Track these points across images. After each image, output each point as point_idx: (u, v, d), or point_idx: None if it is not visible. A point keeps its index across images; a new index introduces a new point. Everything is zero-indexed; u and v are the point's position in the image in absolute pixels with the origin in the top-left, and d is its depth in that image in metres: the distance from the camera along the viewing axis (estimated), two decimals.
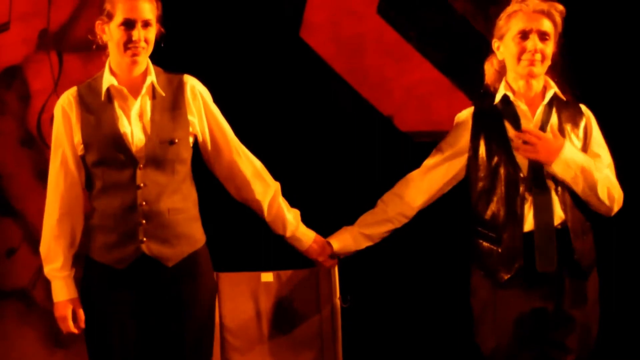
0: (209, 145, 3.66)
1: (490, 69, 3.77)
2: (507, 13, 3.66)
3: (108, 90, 3.52)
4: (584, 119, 3.69)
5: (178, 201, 3.54)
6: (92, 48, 3.58)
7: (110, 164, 3.49)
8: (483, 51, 3.85)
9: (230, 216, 4.19)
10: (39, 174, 4.60)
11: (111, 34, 3.49)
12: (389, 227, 3.83)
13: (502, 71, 3.72)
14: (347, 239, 3.83)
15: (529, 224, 3.57)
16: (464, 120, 3.75)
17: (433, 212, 3.88)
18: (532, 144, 3.55)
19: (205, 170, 3.71)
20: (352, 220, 3.89)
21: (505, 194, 3.60)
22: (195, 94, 3.60)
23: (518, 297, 3.57)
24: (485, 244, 3.65)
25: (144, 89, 3.52)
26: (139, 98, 3.52)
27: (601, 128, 3.74)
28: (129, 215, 3.49)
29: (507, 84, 3.68)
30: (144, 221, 3.49)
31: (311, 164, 4.60)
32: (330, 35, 4.70)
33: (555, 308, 3.57)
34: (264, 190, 3.72)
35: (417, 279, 4.64)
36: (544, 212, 3.56)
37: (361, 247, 3.85)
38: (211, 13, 4.62)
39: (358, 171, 4.66)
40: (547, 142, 3.55)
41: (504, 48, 3.66)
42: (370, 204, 3.90)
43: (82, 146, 3.52)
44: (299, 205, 3.80)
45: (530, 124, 3.62)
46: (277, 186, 3.75)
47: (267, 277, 4.05)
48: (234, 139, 3.70)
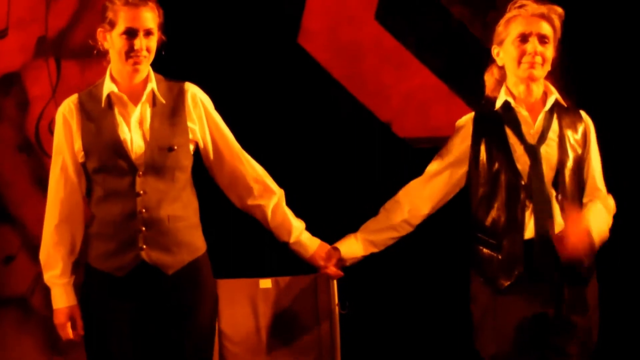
0: (210, 153, 3.66)
1: (490, 79, 3.76)
2: (506, 19, 3.65)
3: (108, 97, 3.52)
4: (583, 125, 3.69)
5: (178, 209, 3.54)
6: (93, 54, 3.58)
7: (110, 171, 3.48)
8: (481, 57, 3.85)
9: (228, 223, 4.19)
10: (37, 180, 4.60)
11: (113, 42, 3.49)
12: (393, 234, 3.80)
13: (503, 80, 3.70)
14: (353, 244, 3.81)
15: (529, 231, 3.57)
16: (464, 126, 3.73)
17: (432, 217, 3.86)
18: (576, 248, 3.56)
19: (203, 178, 3.70)
20: (351, 227, 3.87)
21: (505, 200, 3.59)
22: (196, 101, 3.60)
23: (518, 303, 3.56)
24: (485, 250, 3.64)
25: (144, 96, 3.52)
26: (139, 105, 3.52)
27: (598, 131, 3.74)
28: (128, 222, 3.48)
29: (508, 89, 3.67)
30: (143, 228, 3.48)
31: (310, 171, 4.60)
32: (328, 42, 4.71)
33: (556, 314, 3.56)
34: (268, 195, 3.72)
35: (416, 285, 4.64)
36: (544, 219, 3.55)
37: (367, 253, 3.81)
38: (209, 20, 4.63)
39: (357, 177, 4.67)
40: (585, 242, 3.56)
41: (504, 53, 3.66)
42: (369, 210, 3.89)
43: (83, 153, 3.51)
44: (297, 211, 3.80)
45: (531, 130, 3.62)
46: (281, 192, 3.75)
47: (265, 283, 4.04)
48: (236, 146, 3.70)
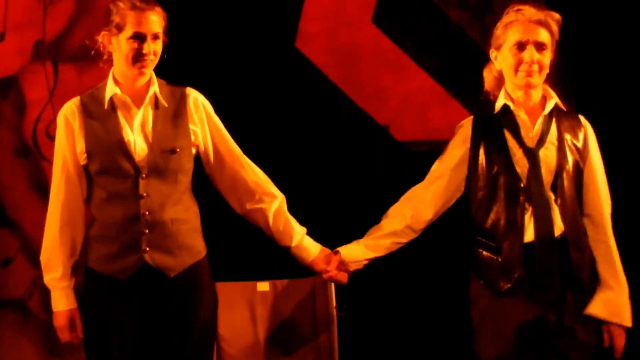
0: (211, 156, 3.67)
1: (489, 75, 3.75)
2: (504, 23, 3.64)
3: (111, 100, 3.53)
4: (582, 129, 3.68)
5: (180, 212, 3.55)
6: (90, 57, 3.59)
7: (113, 173, 3.49)
8: (479, 60, 3.85)
9: (226, 227, 4.18)
10: (35, 184, 4.60)
11: (120, 45, 3.49)
12: (395, 240, 3.78)
13: (501, 78, 3.70)
14: (354, 248, 3.80)
15: (529, 234, 3.56)
16: (464, 129, 3.72)
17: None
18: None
19: (202, 183, 3.70)
20: (349, 229, 3.87)
21: (505, 203, 3.58)
22: (197, 105, 3.62)
23: (518, 306, 3.55)
24: (485, 253, 3.63)
25: (147, 99, 3.54)
26: (141, 108, 3.53)
27: (596, 133, 3.74)
28: (132, 225, 3.49)
29: (507, 93, 3.66)
30: (147, 231, 3.49)
31: (308, 174, 4.60)
32: (325, 45, 4.70)
33: (557, 320, 3.55)
34: (270, 199, 3.72)
35: (415, 287, 4.64)
36: (544, 223, 3.54)
37: (369, 256, 3.79)
38: (207, 23, 4.63)
39: (355, 181, 4.66)
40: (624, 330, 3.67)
41: (502, 58, 3.65)
42: (367, 213, 3.89)
43: (85, 155, 3.52)
44: (295, 214, 3.79)
45: (530, 134, 3.61)
46: (282, 197, 3.75)
47: (263, 286, 4.05)
48: (236, 150, 3.71)
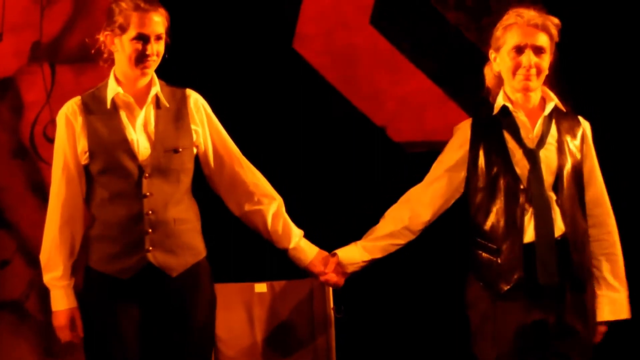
0: (211, 157, 3.67)
1: (489, 73, 3.74)
2: (503, 25, 3.63)
3: (113, 99, 3.53)
4: (581, 130, 3.69)
5: (182, 211, 3.56)
6: (88, 59, 3.59)
7: (116, 172, 3.49)
8: (476, 61, 3.85)
9: (224, 229, 4.18)
10: (32, 185, 4.60)
11: (123, 46, 3.50)
12: (393, 241, 3.78)
13: (501, 76, 3.69)
14: (352, 249, 3.79)
15: (529, 235, 3.56)
16: (463, 130, 3.72)
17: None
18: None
19: (198, 185, 3.70)
20: (346, 230, 3.87)
21: (505, 205, 3.58)
22: (198, 106, 3.63)
23: (518, 308, 3.55)
24: (484, 254, 3.63)
25: (149, 99, 3.54)
26: (144, 108, 3.54)
27: (595, 133, 3.74)
28: (135, 224, 3.49)
29: (506, 94, 3.66)
30: (150, 230, 3.49)
31: (304, 175, 4.60)
32: (323, 47, 4.70)
33: (557, 320, 3.56)
34: (268, 201, 3.73)
35: (412, 289, 4.63)
36: (545, 224, 3.55)
37: (367, 258, 3.79)
38: (204, 25, 4.63)
39: (352, 182, 4.66)
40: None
41: (500, 60, 3.64)
42: (364, 214, 3.89)
43: (87, 154, 3.52)
44: (292, 214, 3.79)
45: (530, 135, 3.61)
46: (280, 199, 3.75)
47: (260, 287, 4.05)
48: (236, 151, 3.72)
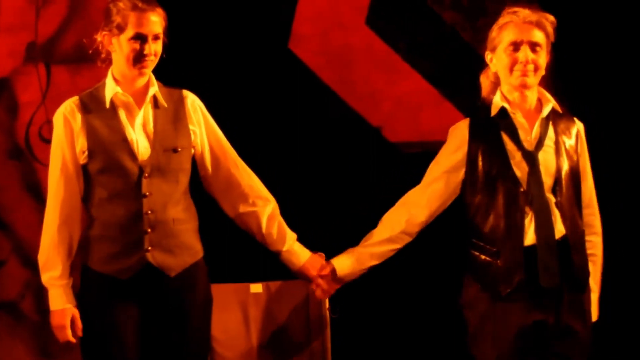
0: (207, 158, 3.67)
1: (486, 81, 3.73)
2: (499, 25, 3.63)
3: (112, 99, 3.53)
4: (576, 130, 3.68)
5: (181, 211, 3.56)
6: (83, 56, 3.59)
7: (115, 172, 3.48)
8: (472, 62, 3.85)
9: (220, 230, 4.18)
10: (28, 186, 4.59)
11: (120, 46, 3.49)
12: (391, 246, 3.74)
13: (498, 82, 3.68)
14: (347, 261, 3.74)
15: (529, 238, 3.55)
16: (460, 131, 3.69)
17: None
18: None
19: (194, 187, 3.70)
20: (341, 231, 3.88)
21: (504, 207, 3.57)
22: (195, 107, 3.63)
23: (518, 310, 3.54)
24: (482, 257, 3.61)
25: (147, 98, 3.54)
26: (142, 107, 3.54)
27: (589, 134, 3.74)
28: (134, 224, 3.49)
29: (503, 95, 3.65)
30: (149, 230, 3.49)
31: (300, 175, 4.60)
32: (319, 47, 4.70)
33: (556, 320, 3.55)
34: (263, 203, 3.72)
35: (408, 289, 4.64)
36: (545, 226, 3.53)
37: (364, 265, 3.75)
38: (199, 25, 4.62)
39: (348, 182, 4.66)
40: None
41: (497, 60, 3.64)
42: (359, 215, 3.89)
43: (86, 154, 3.50)
44: (286, 216, 3.79)
45: (529, 137, 3.60)
46: (275, 202, 3.75)
47: (256, 288, 4.05)
48: (232, 152, 3.72)
